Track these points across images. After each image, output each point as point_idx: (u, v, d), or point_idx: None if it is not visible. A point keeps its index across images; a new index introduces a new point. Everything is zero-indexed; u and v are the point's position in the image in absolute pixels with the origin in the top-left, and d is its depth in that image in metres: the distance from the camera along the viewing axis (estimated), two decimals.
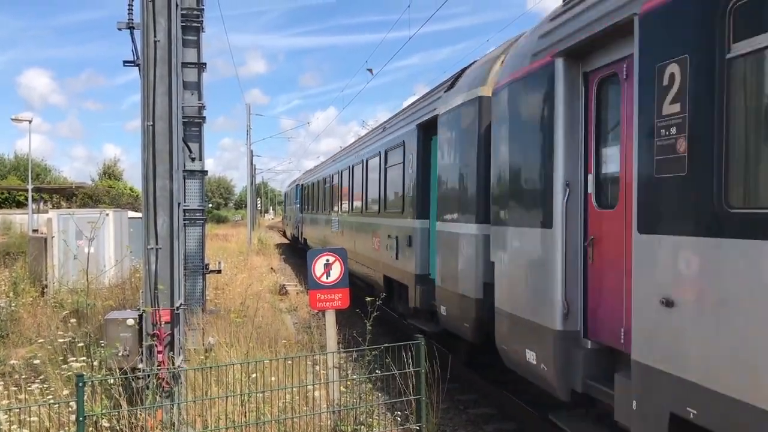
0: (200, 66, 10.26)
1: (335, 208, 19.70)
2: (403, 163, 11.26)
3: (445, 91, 9.59)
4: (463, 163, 8.47)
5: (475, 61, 9.49)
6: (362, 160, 15.29)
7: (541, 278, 6.12)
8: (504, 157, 7.12)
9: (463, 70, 9.60)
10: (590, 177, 5.75)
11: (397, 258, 11.34)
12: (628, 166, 4.95)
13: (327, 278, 7.26)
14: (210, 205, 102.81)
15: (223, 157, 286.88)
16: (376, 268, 13.34)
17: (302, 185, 33.49)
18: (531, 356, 6.27)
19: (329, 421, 6.40)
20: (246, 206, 52.48)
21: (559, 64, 5.86)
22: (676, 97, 4.32)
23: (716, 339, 3.92)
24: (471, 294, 7.96)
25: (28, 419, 5.37)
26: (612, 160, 5.52)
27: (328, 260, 7.29)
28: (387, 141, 12.82)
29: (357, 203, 15.97)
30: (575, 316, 5.76)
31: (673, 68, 4.36)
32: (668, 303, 4.32)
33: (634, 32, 4.75)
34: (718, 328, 3.90)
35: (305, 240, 30.01)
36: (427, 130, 10.29)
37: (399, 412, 6.99)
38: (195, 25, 10.23)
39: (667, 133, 4.40)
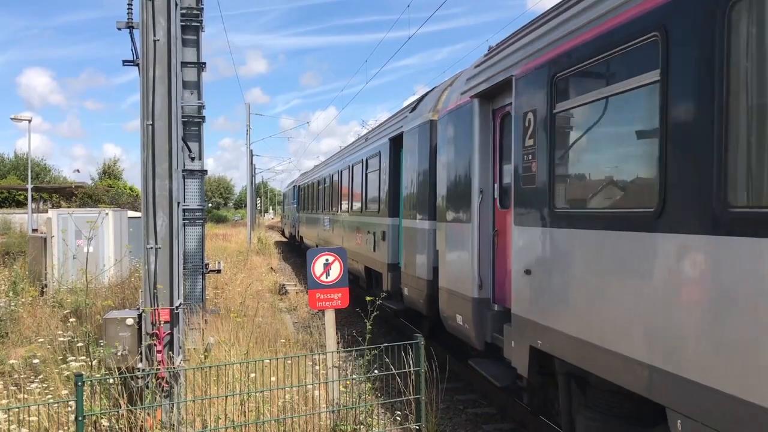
0: (200, 65, 10.26)
1: (327, 208, 21.75)
2: (380, 170, 13.30)
3: (409, 112, 11.68)
4: (418, 172, 10.53)
5: (434, 88, 11.41)
6: (348, 166, 17.37)
7: (464, 260, 8.13)
8: (443, 169, 9.14)
9: (424, 96, 11.67)
10: (496, 186, 7.74)
11: (374, 250, 13.32)
12: (514, 178, 6.73)
13: (326, 278, 7.27)
14: (210, 205, 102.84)
15: (223, 157, 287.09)
16: (359, 260, 15.00)
17: (299, 186, 35.16)
18: (459, 319, 8.28)
19: (329, 421, 6.40)
20: (246, 206, 52.64)
21: (476, 102, 7.93)
22: (531, 134, 6.30)
23: (552, 293, 5.81)
24: (424, 276, 10.01)
25: (27, 419, 5.37)
26: (507, 174, 7.34)
27: (327, 260, 7.29)
28: (367, 150, 14.87)
29: (344, 204, 17.91)
30: (487, 288, 7.75)
31: (530, 115, 6.34)
32: (527, 272, 6.27)
33: (512, 88, 6.78)
34: (552, 285, 5.79)
35: (301, 238, 31.87)
36: (397, 143, 12.18)
37: (398, 412, 6.99)
38: (194, 24, 10.23)
39: (526, 158, 6.39)
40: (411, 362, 6.23)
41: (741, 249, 3.69)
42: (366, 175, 14.83)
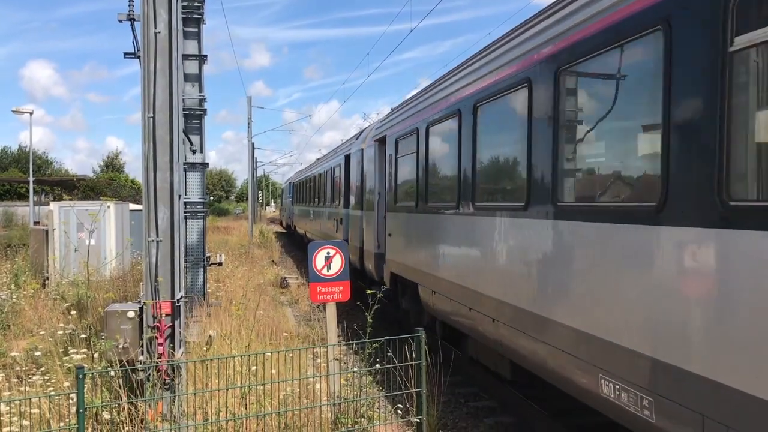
0: (201, 58, 10.23)
1: (311, 202, 28.67)
2: (339, 176, 19.43)
3: (355, 140, 17.70)
4: (355, 179, 16.47)
5: (365, 128, 17.47)
6: (322, 171, 24.68)
7: (371, 232, 13.92)
8: (365, 179, 15.01)
9: (362, 131, 17.51)
10: (384, 190, 13.07)
11: (336, 231, 19.40)
12: (387, 187, 12.48)
13: (328, 271, 7.25)
14: (211, 198, 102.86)
15: (226, 150, 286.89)
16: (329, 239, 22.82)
17: (293, 183, 41.39)
18: (370, 266, 14.15)
19: (330, 414, 6.40)
20: (247, 199, 52.70)
21: (376, 145, 13.72)
22: (390, 165, 12.48)
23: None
24: (357, 245, 15.49)
25: (29, 411, 5.38)
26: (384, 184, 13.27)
27: (328, 253, 7.28)
28: (332, 162, 21.83)
29: (322, 198, 24.54)
30: (382, 247, 12.99)
31: (390, 156, 12.36)
32: (389, 235, 12.00)
33: (386, 142, 12.70)
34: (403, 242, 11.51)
35: (295, 227, 38.37)
36: (348, 159, 17.95)
37: (400, 405, 6.99)
38: (196, 16, 10.20)
39: (389, 177, 12.48)
40: (412, 355, 6.22)
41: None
42: (333, 178, 21.24)
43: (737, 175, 3.79)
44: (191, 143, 10.32)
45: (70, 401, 5.58)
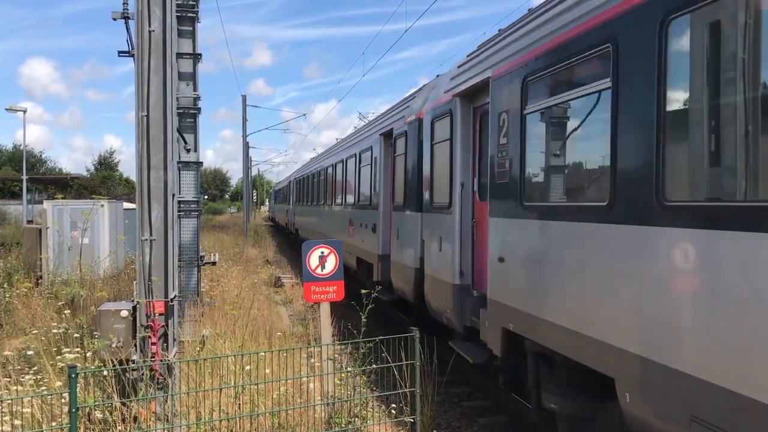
0: (195, 57, 10.20)
1: (322, 200, 25.10)
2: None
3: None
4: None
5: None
6: (297, 179, 30.63)
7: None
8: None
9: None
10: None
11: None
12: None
13: (322, 270, 7.24)
14: (206, 197, 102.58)
15: (223, 149, 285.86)
16: (300, 224, 29.28)
17: (276, 189, 52.87)
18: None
19: (323, 414, 6.39)
20: (242, 198, 53.37)
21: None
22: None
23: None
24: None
25: (20, 410, 5.35)
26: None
27: (323, 252, 7.27)
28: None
29: (309, 200, 26.56)
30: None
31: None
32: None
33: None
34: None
35: (277, 221, 48.11)
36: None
37: (394, 405, 6.99)
38: (190, 15, 10.17)
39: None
40: (407, 355, 6.22)
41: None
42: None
43: None
44: (185, 142, 10.30)
45: (63, 401, 5.56)
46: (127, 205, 18.03)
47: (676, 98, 4.38)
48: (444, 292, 8.54)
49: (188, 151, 10.33)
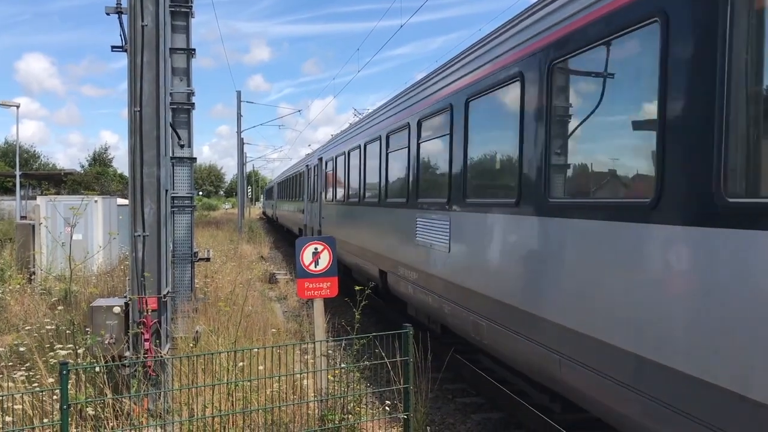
0: (189, 52, 10.14)
1: (278, 198, 40.51)
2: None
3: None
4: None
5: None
6: (288, 177, 33.65)
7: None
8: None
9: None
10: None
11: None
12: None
13: (315, 267, 7.22)
14: (200, 193, 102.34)
15: (219, 145, 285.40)
16: (296, 222, 29.06)
17: (269, 188, 61.86)
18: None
19: (317, 410, 6.38)
20: (236, 194, 54.05)
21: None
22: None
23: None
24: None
25: (11, 407, 5.31)
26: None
27: (316, 249, 7.24)
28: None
29: (283, 196, 35.17)
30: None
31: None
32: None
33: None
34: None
35: (267, 214, 58.72)
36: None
37: (388, 401, 6.98)
38: (184, 10, 10.10)
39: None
40: (400, 351, 6.21)
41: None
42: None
43: None
44: (179, 137, 10.25)
45: (55, 397, 5.53)
46: (120, 200, 17.96)
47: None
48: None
49: (182, 146, 10.28)
